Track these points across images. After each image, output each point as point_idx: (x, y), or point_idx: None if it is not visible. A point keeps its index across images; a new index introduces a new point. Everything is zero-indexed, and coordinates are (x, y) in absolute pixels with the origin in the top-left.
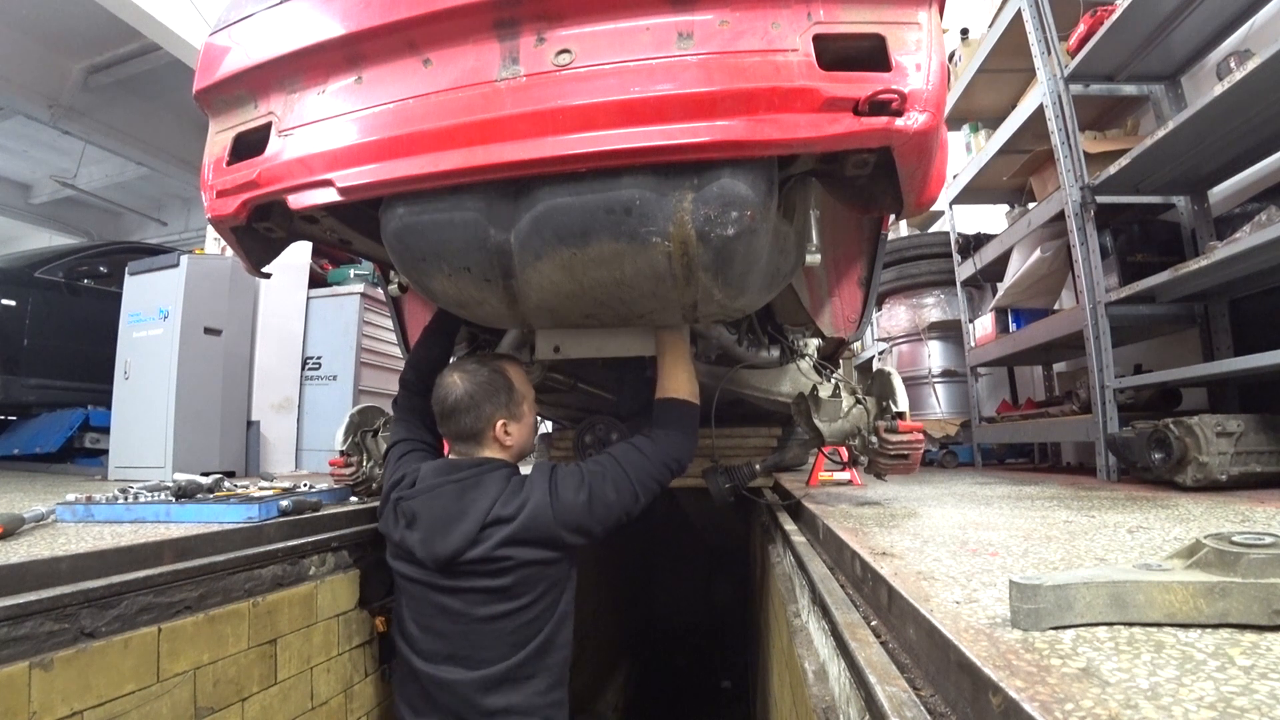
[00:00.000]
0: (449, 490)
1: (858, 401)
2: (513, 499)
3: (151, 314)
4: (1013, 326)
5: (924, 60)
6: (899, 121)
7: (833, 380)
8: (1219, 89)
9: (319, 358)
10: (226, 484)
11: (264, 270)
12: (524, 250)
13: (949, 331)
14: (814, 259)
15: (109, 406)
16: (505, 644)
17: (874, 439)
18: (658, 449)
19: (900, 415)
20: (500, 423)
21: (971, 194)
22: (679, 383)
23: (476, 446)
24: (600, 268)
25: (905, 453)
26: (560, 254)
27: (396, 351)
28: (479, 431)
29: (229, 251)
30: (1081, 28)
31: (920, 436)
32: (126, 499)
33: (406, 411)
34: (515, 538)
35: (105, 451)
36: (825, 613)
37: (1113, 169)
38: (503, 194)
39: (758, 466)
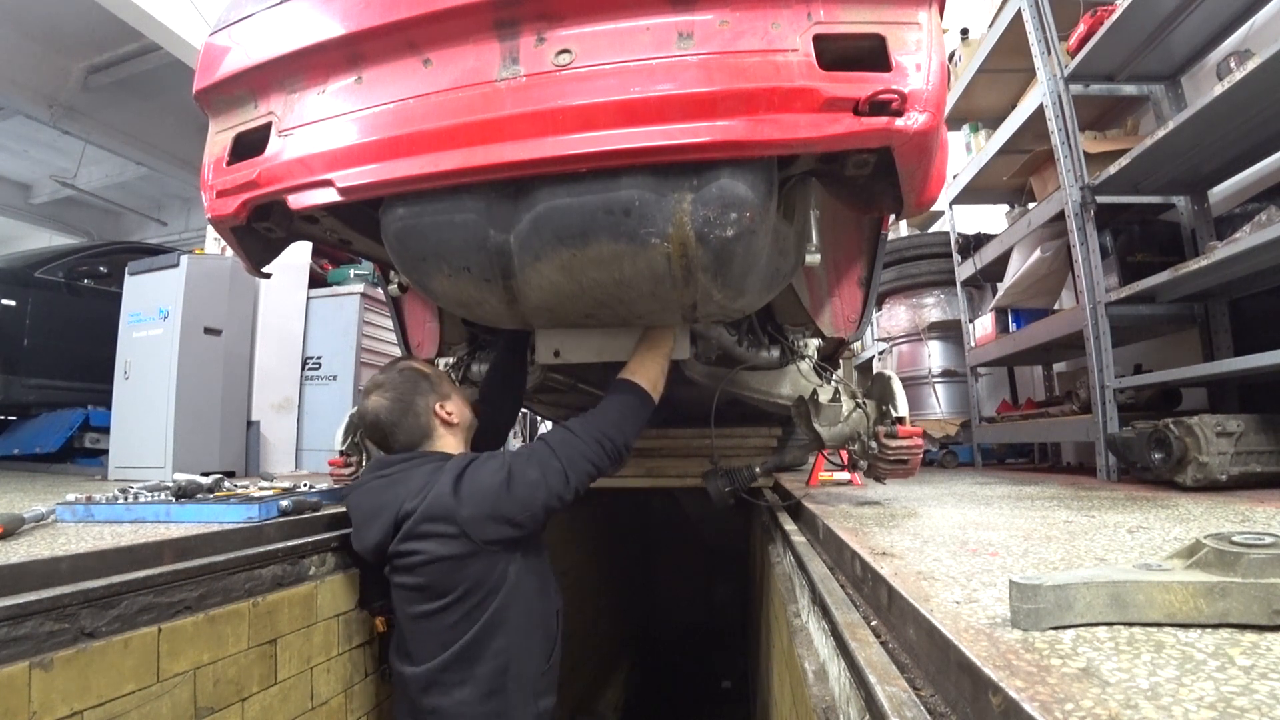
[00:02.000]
0: (376, 485)
1: (857, 405)
2: (424, 490)
3: (151, 314)
4: (1013, 326)
5: (924, 60)
6: (899, 121)
7: (832, 383)
8: (1219, 89)
9: (319, 358)
10: (226, 484)
11: (264, 270)
12: (523, 251)
13: (949, 331)
14: (814, 259)
15: (109, 406)
16: (433, 644)
17: (873, 444)
18: (590, 427)
19: (900, 420)
20: (437, 405)
21: (971, 194)
22: (643, 371)
23: (428, 442)
24: (599, 269)
25: (904, 458)
26: (560, 255)
27: (397, 351)
28: (424, 426)
29: (229, 251)
30: (1081, 28)
31: (919, 441)
32: (126, 499)
33: None
34: (416, 530)
35: (105, 451)
36: (825, 613)
37: (1113, 169)
38: (502, 194)
39: (757, 469)
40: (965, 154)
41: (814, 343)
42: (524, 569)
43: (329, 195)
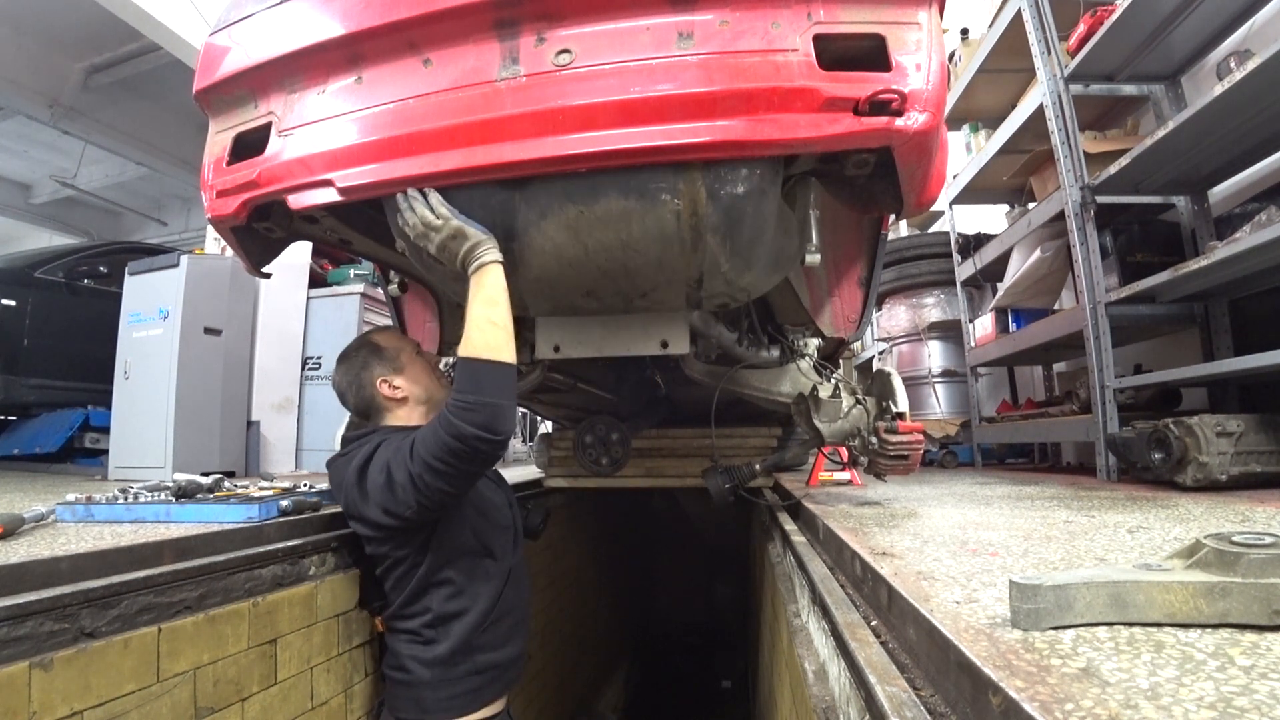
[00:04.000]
0: (340, 463)
1: (857, 402)
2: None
3: (151, 314)
4: (1013, 326)
5: (924, 60)
6: (899, 121)
7: (833, 380)
8: (1219, 89)
9: (319, 358)
10: (226, 484)
11: (264, 270)
12: (529, 207)
13: (949, 331)
14: (814, 259)
15: (109, 406)
16: (391, 595)
17: (874, 439)
18: (443, 421)
19: (900, 416)
20: (380, 381)
21: (971, 194)
22: (474, 335)
23: (379, 416)
24: (607, 228)
25: (905, 453)
26: (567, 212)
27: None
28: (369, 399)
29: (229, 251)
30: (1081, 28)
31: (920, 437)
32: (126, 499)
33: None
34: (348, 512)
35: (105, 451)
36: (825, 613)
37: (1113, 169)
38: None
39: (758, 466)
40: (965, 154)
41: (814, 342)
42: (448, 538)
43: (329, 195)
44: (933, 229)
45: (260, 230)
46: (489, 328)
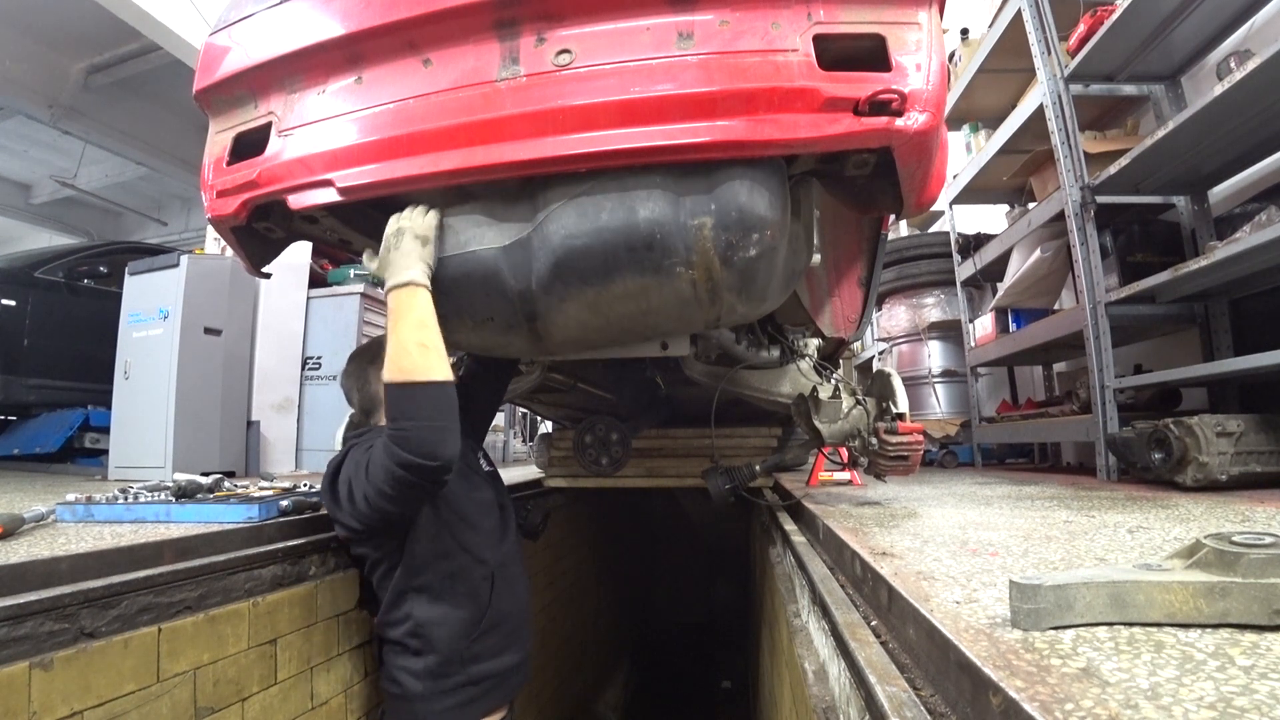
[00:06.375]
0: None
1: (858, 402)
2: None
3: (151, 314)
4: (1013, 326)
5: (924, 60)
6: (899, 121)
7: (833, 381)
8: (1219, 89)
9: (319, 358)
10: (226, 484)
11: (264, 270)
12: (547, 295)
13: (949, 331)
14: (815, 259)
15: (109, 406)
16: (378, 593)
17: (874, 440)
18: (386, 449)
19: (900, 416)
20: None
21: (971, 194)
22: (404, 359)
23: (380, 415)
24: (626, 302)
25: (905, 454)
26: (585, 295)
27: None
28: (373, 394)
29: (229, 251)
30: (1081, 28)
31: (920, 438)
32: (126, 499)
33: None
34: (327, 512)
35: (105, 451)
36: (825, 613)
37: (1113, 169)
38: (519, 237)
39: (758, 467)
40: (965, 154)
41: (814, 342)
42: (422, 542)
43: (329, 195)
44: (933, 229)
45: (260, 230)
46: (419, 350)
